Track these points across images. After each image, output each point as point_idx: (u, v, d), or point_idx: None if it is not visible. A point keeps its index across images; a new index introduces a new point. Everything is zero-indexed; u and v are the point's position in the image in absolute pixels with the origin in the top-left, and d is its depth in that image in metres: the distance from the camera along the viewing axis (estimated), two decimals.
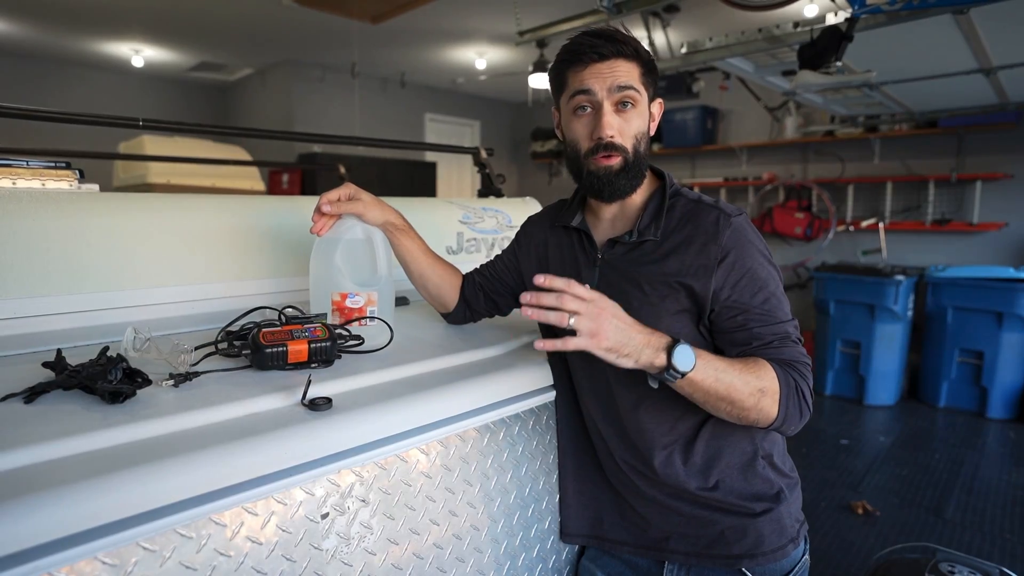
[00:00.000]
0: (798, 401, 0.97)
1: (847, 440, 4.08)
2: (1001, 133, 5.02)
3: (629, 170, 1.06)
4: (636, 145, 1.06)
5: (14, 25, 5.76)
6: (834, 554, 2.71)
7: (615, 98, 1.03)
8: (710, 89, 6.27)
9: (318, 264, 1.18)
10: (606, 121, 1.03)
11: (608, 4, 2.72)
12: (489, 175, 2.26)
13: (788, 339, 1.01)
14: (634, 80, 1.04)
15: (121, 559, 0.66)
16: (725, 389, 0.92)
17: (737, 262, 1.01)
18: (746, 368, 0.95)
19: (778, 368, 0.97)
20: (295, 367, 0.97)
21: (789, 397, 0.96)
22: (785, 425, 0.98)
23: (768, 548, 1.05)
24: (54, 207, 1.17)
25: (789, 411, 0.97)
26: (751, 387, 0.93)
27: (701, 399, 0.94)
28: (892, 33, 2.50)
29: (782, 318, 1.01)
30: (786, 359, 0.99)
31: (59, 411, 0.78)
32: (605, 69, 1.02)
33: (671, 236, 1.06)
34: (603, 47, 1.02)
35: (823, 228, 5.89)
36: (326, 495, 0.85)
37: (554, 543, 1.21)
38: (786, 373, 0.97)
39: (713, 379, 0.91)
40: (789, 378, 0.97)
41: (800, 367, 0.99)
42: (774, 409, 0.95)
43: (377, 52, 6.49)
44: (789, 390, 0.96)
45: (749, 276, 1.01)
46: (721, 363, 0.93)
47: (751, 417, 0.96)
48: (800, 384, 0.98)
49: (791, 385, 0.97)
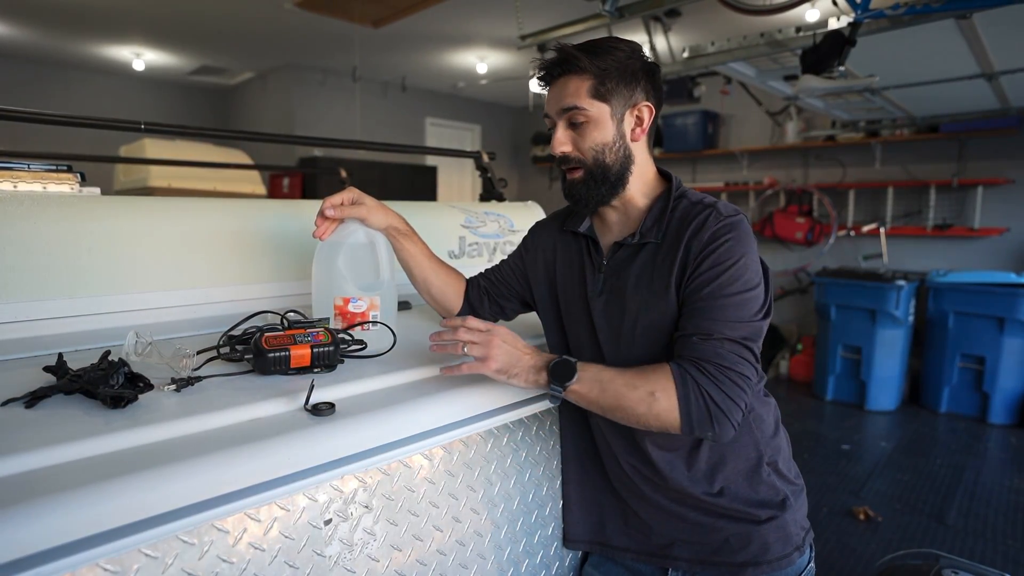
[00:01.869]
0: (703, 403, 0.91)
1: (848, 445, 4.07)
2: (1002, 138, 5.02)
3: (594, 179, 1.07)
4: (597, 156, 1.06)
5: (16, 28, 5.77)
6: (836, 560, 2.70)
7: (565, 117, 1.07)
8: (711, 93, 6.28)
9: (320, 268, 1.18)
10: (556, 139, 1.08)
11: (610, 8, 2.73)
12: (491, 179, 2.25)
13: (711, 338, 0.95)
14: (580, 98, 1.04)
15: (123, 566, 0.65)
16: (613, 399, 0.95)
17: (710, 256, 0.99)
18: (638, 374, 0.95)
19: (676, 368, 0.94)
20: (298, 372, 0.96)
21: (688, 399, 0.92)
22: (696, 430, 0.92)
23: (773, 556, 1.05)
24: (55, 210, 1.16)
25: (693, 414, 0.92)
26: (640, 392, 0.93)
27: (597, 410, 0.98)
28: (895, 38, 2.50)
29: (719, 317, 0.96)
30: (696, 357, 0.94)
31: (60, 416, 0.77)
32: (556, 90, 1.07)
33: (670, 237, 1.05)
34: (552, 69, 1.07)
35: (824, 233, 5.89)
36: (329, 501, 0.84)
37: (557, 549, 1.20)
38: (684, 373, 0.93)
39: (599, 391, 0.96)
40: (687, 378, 0.92)
41: (710, 367, 0.93)
42: (673, 413, 0.92)
43: (378, 56, 6.50)
44: (687, 391, 0.92)
45: (713, 269, 0.99)
46: (609, 373, 0.97)
47: (651, 423, 0.94)
48: (704, 386, 0.92)
49: (688, 385, 0.92)
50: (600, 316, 1.09)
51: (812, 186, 5.98)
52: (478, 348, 0.97)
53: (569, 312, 1.17)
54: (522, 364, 0.99)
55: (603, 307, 1.09)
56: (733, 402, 0.93)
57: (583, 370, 0.97)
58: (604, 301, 1.09)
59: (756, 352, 0.98)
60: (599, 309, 1.10)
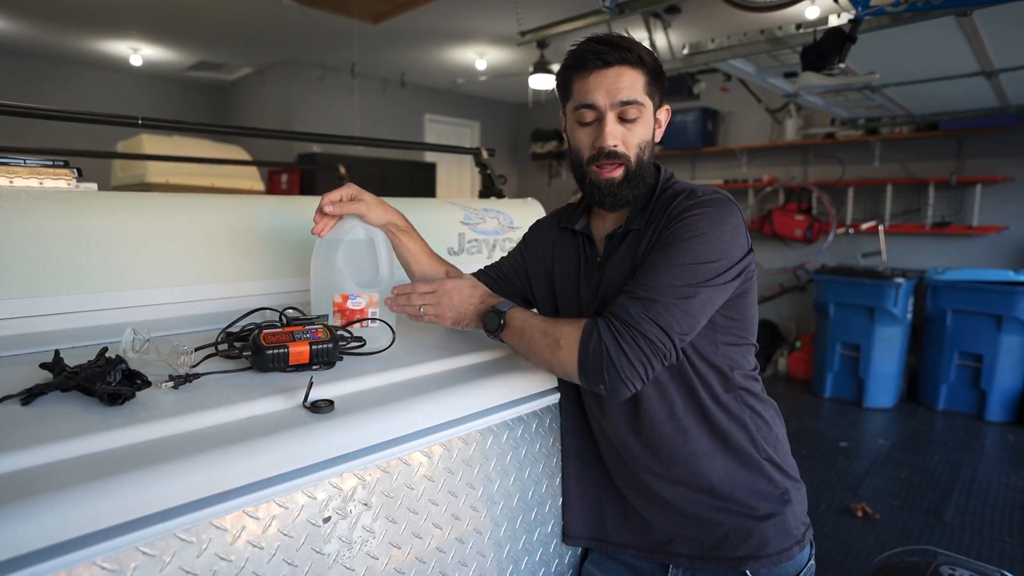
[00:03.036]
0: (601, 355, 0.91)
1: (846, 442, 4.07)
2: (1001, 136, 5.02)
3: (631, 179, 1.06)
4: (640, 154, 1.06)
5: (12, 23, 5.74)
6: (834, 557, 2.71)
7: (618, 111, 1.03)
8: (711, 91, 6.27)
9: (319, 265, 1.17)
10: (608, 131, 1.03)
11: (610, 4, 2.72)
12: (490, 176, 2.25)
13: (634, 297, 0.94)
14: (638, 92, 1.03)
15: (120, 564, 0.65)
16: (527, 345, 1.03)
17: (670, 228, 1.00)
18: (555, 323, 1.01)
19: (588, 321, 0.96)
20: (296, 369, 0.96)
21: (587, 348, 0.93)
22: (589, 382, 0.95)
23: (773, 550, 1.05)
24: (52, 206, 1.16)
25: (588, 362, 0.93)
26: (549, 339, 0.99)
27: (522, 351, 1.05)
28: (895, 35, 2.50)
29: (650, 282, 0.94)
30: (610, 312, 0.95)
31: (57, 413, 0.76)
32: (609, 78, 1.02)
33: (652, 224, 1.06)
34: (607, 54, 1.01)
35: (823, 230, 5.89)
36: (328, 499, 0.84)
37: (557, 547, 1.20)
38: (593, 325, 0.94)
39: (518, 338, 1.04)
40: (593, 329, 0.93)
41: (617, 323, 0.92)
42: (571, 363, 0.96)
43: (377, 52, 6.48)
44: (588, 341, 0.93)
45: (665, 239, 0.99)
46: (532, 321, 1.04)
47: (555, 369, 1.01)
48: (605, 338, 0.92)
49: (591, 336, 0.93)
50: (589, 309, 1.11)
51: (811, 184, 5.98)
52: (431, 308, 1.10)
53: (566, 308, 1.18)
54: (468, 312, 1.11)
55: (590, 299, 1.11)
56: (629, 361, 0.91)
57: (511, 319, 1.05)
58: (593, 293, 1.11)
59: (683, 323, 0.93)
60: (588, 302, 1.11)
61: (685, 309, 0.93)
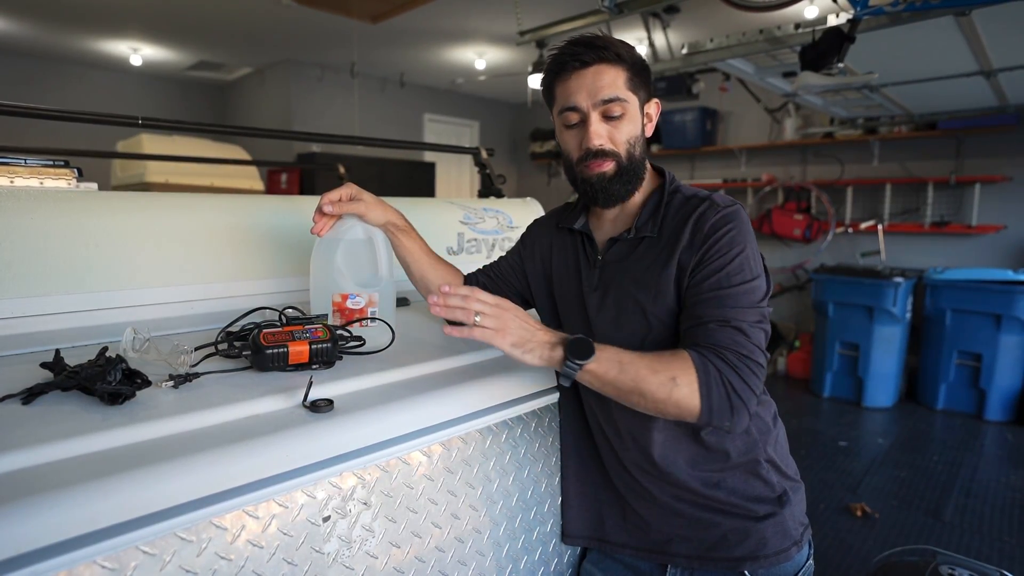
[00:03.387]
0: (725, 392, 0.90)
1: (845, 442, 4.08)
2: (1000, 136, 5.02)
3: (624, 174, 1.06)
4: (630, 149, 1.06)
5: (12, 23, 5.74)
6: (833, 556, 2.71)
7: (601, 109, 1.03)
8: (710, 90, 6.27)
9: (319, 264, 1.17)
10: (593, 131, 1.04)
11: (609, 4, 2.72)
12: (490, 175, 2.25)
13: (728, 325, 0.94)
14: (619, 89, 1.03)
15: (120, 563, 0.65)
16: (631, 380, 0.91)
17: (713, 247, 1.00)
18: (658, 358, 0.92)
19: (696, 355, 0.91)
20: (296, 368, 0.96)
21: (710, 386, 0.89)
22: (715, 418, 0.91)
23: (771, 551, 1.05)
24: (52, 206, 1.16)
25: (714, 402, 0.90)
26: (661, 376, 0.90)
27: (613, 392, 0.93)
28: (894, 35, 2.50)
29: (732, 304, 0.95)
30: (714, 344, 0.93)
31: (57, 412, 0.77)
32: (588, 78, 1.02)
33: (667, 231, 1.06)
34: (584, 54, 1.02)
35: (822, 230, 5.89)
36: (327, 498, 0.84)
37: (556, 546, 1.20)
38: (705, 360, 0.91)
39: (617, 371, 0.91)
40: (708, 365, 0.90)
41: (729, 355, 0.92)
42: (694, 400, 0.89)
43: (376, 52, 6.48)
44: (709, 378, 0.90)
45: (718, 260, 0.99)
46: (628, 356, 0.92)
47: (669, 410, 0.91)
48: (726, 374, 0.90)
49: (711, 373, 0.90)
50: (595, 311, 1.10)
51: (810, 183, 5.98)
52: (491, 319, 0.91)
53: (565, 308, 1.18)
54: (536, 339, 0.93)
55: (599, 302, 1.10)
56: (751, 390, 0.91)
57: (601, 349, 0.92)
58: (600, 296, 1.10)
59: (766, 340, 0.97)
60: (594, 304, 1.10)
61: (767, 327, 0.98)
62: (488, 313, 0.91)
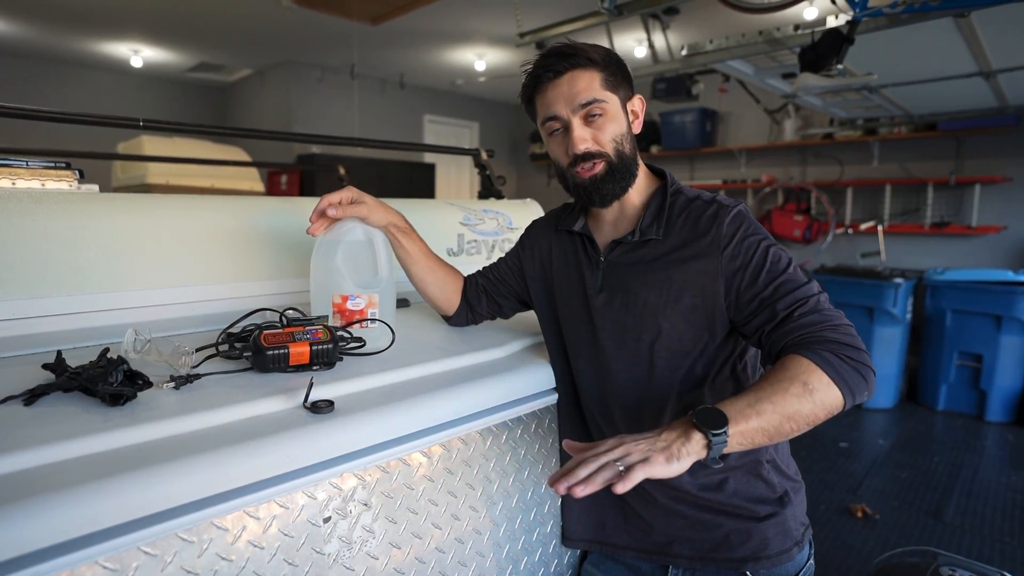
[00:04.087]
0: (850, 366, 0.87)
1: (846, 443, 4.07)
2: (1000, 136, 5.03)
3: (615, 173, 1.06)
4: (618, 147, 1.06)
5: (13, 25, 5.75)
6: (834, 557, 2.71)
7: (581, 113, 1.04)
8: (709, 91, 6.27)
9: (319, 266, 1.17)
10: (577, 136, 1.05)
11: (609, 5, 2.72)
12: (490, 176, 2.25)
13: (805, 303, 0.94)
14: (595, 91, 1.04)
15: (122, 563, 0.65)
16: (774, 413, 0.83)
17: (740, 248, 1.00)
18: (775, 378, 0.86)
19: (804, 351, 0.89)
20: (297, 369, 0.96)
21: (837, 369, 0.87)
22: (857, 396, 0.88)
23: (773, 551, 1.05)
24: (54, 207, 1.16)
25: (849, 382, 0.87)
26: (795, 390, 0.84)
27: (765, 438, 0.84)
28: (893, 36, 2.50)
29: (793, 287, 0.96)
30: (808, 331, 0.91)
31: (59, 413, 0.77)
32: (563, 86, 1.04)
33: (673, 234, 1.06)
34: (556, 64, 1.04)
35: (822, 231, 5.90)
36: (328, 499, 0.84)
37: (556, 547, 1.20)
38: (814, 351, 0.88)
39: (756, 415, 0.82)
40: (822, 352, 0.88)
41: (827, 332, 0.90)
42: (833, 391, 0.86)
43: (376, 53, 6.49)
44: (831, 364, 0.87)
45: (755, 258, 0.99)
46: (748, 396, 0.85)
47: (820, 416, 0.86)
48: (838, 351, 0.88)
49: (828, 358, 0.87)
50: (601, 313, 1.10)
51: (810, 184, 5.99)
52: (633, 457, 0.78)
53: (566, 310, 1.17)
54: (676, 429, 0.82)
55: (604, 304, 1.09)
56: (861, 349, 0.90)
57: (723, 406, 0.83)
58: (605, 298, 1.09)
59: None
60: (599, 306, 1.10)
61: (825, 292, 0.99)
62: (620, 454, 0.79)
